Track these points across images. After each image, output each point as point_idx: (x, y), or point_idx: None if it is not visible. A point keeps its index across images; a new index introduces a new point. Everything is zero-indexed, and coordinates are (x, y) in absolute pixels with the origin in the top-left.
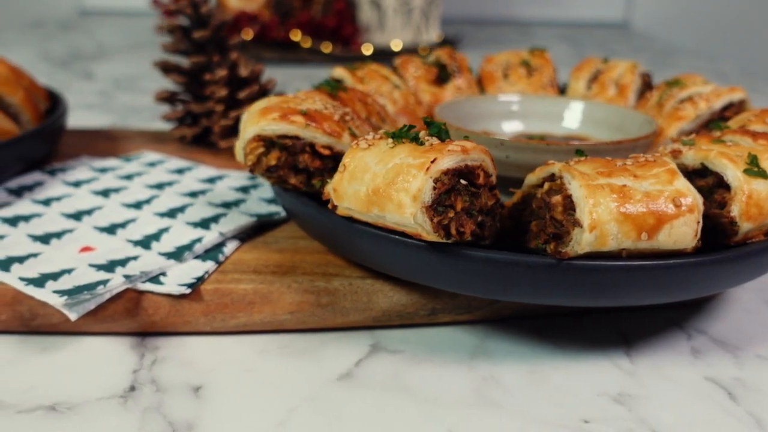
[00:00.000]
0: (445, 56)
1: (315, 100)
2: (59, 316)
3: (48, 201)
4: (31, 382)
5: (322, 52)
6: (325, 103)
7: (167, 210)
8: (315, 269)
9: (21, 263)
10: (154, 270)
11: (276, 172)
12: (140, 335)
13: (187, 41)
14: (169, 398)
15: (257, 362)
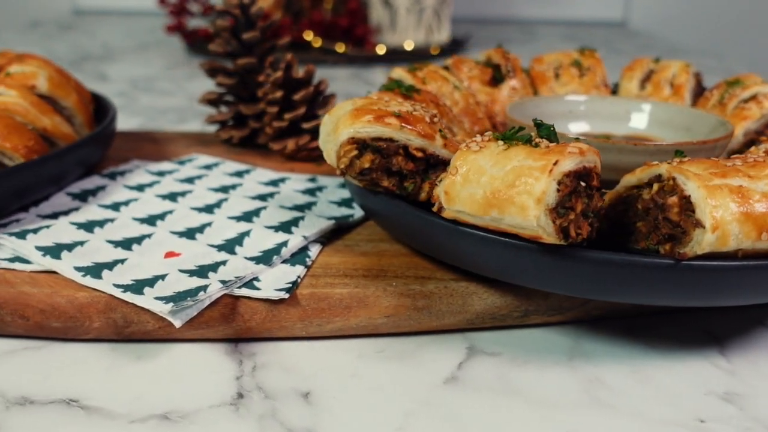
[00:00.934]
0: (497, 56)
1: (400, 103)
2: (154, 323)
3: (116, 205)
4: (136, 390)
5: (335, 52)
6: (414, 105)
7: (241, 214)
8: (405, 272)
9: (110, 270)
10: (248, 275)
11: (369, 175)
12: (233, 341)
13: (235, 42)
14: (281, 405)
15: (359, 367)
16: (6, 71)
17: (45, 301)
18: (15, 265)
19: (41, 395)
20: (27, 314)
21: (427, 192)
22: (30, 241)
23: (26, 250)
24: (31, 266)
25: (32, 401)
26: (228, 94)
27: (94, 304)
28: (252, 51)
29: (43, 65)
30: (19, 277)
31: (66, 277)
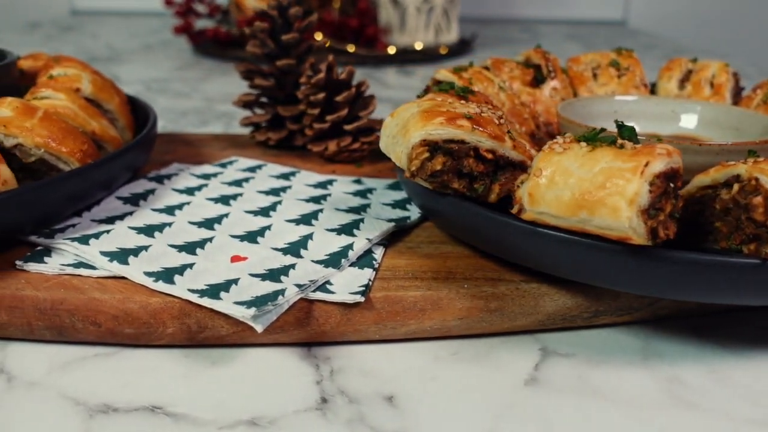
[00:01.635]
0: (537, 57)
1: (466, 104)
2: (228, 328)
3: (170, 209)
4: (218, 396)
5: (345, 53)
6: (480, 106)
7: (299, 216)
8: (473, 274)
9: (181, 275)
10: (320, 279)
11: (440, 177)
12: (305, 345)
13: (272, 44)
14: (367, 409)
15: (436, 369)
16: (49, 74)
17: (117, 307)
18: (80, 270)
19: (123, 402)
20: (99, 320)
21: (497, 193)
22: (93, 247)
23: (90, 256)
24: (97, 272)
25: (115, 409)
26: (264, 96)
27: (167, 310)
28: (289, 52)
29: (82, 68)
30: (87, 283)
31: (135, 283)
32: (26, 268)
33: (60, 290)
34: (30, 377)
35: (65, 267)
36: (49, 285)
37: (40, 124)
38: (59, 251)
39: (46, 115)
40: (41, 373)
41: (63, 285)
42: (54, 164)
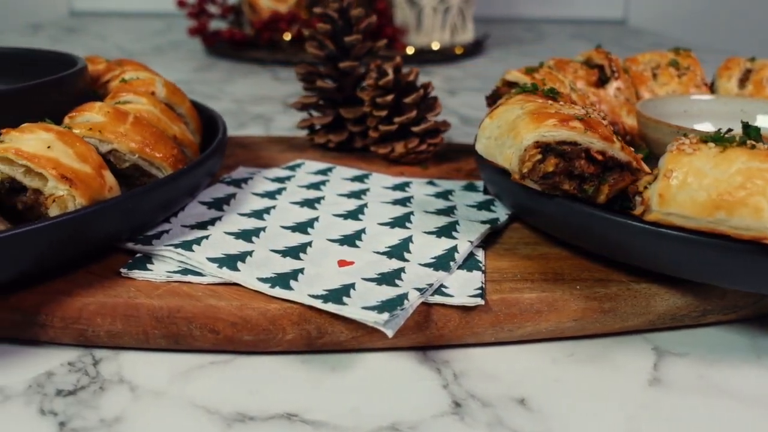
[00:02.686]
0: (600, 57)
1: (571, 106)
2: (347, 333)
3: (257, 214)
4: (350, 402)
5: None
6: (585, 108)
7: (391, 219)
8: (580, 275)
9: (296, 280)
10: (435, 282)
11: (551, 179)
12: (421, 349)
13: (335, 45)
14: (502, 412)
15: (557, 371)
16: (120, 78)
17: (235, 314)
18: (188, 277)
19: (257, 411)
20: (217, 328)
21: (606, 194)
22: (198, 253)
23: (197, 262)
24: (205, 278)
25: (251, 417)
26: (323, 98)
27: (287, 316)
28: (349, 54)
29: (151, 71)
30: (198, 290)
31: (248, 289)
32: (132, 276)
33: (174, 298)
34: (153, 387)
35: (172, 274)
36: (160, 293)
37: (133, 129)
38: (160, 258)
39: (137, 120)
40: (163, 382)
41: (174, 292)
42: (147, 170)
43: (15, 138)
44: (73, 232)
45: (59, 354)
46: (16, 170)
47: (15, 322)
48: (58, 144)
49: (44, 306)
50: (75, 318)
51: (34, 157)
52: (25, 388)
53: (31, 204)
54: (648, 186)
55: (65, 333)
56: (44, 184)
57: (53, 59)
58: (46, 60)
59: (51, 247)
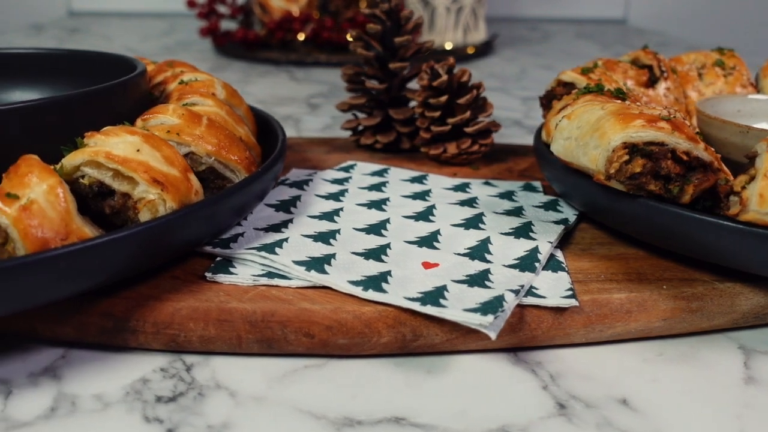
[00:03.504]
0: (648, 57)
1: (652, 107)
2: (442, 335)
3: (328, 216)
4: (455, 405)
5: None
6: (667, 109)
7: (464, 221)
8: (663, 275)
9: (387, 283)
10: (526, 284)
11: (638, 179)
12: (511, 350)
13: (383, 47)
14: (608, 413)
15: (651, 370)
16: (179, 80)
17: (330, 317)
18: (275, 281)
19: (364, 414)
20: (312, 332)
21: (691, 194)
22: (283, 256)
23: (281, 265)
24: (293, 282)
25: (359, 421)
26: (372, 99)
27: (382, 319)
28: (396, 54)
29: (207, 73)
30: (287, 293)
31: (337, 292)
32: (217, 280)
33: (265, 302)
34: (253, 392)
35: (258, 278)
36: (250, 297)
37: (208, 132)
38: (242, 261)
39: (211, 123)
40: (261, 387)
41: (264, 296)
42: (221, 173)
43: (101, 141)
44: (167, 236)
45: (148, 360)
46: (104, 174)
47: (105, 328)
48: (145, 147)
49: (135, 311)
50: (167, 323)
51: (125, 160)
52: (123, 395)
53: (119, 208)
54: (745, 186)
55: (156, 338)
56: (133, 188)
57: (109, 61)
58: (101, 62)
59: (145, 252)
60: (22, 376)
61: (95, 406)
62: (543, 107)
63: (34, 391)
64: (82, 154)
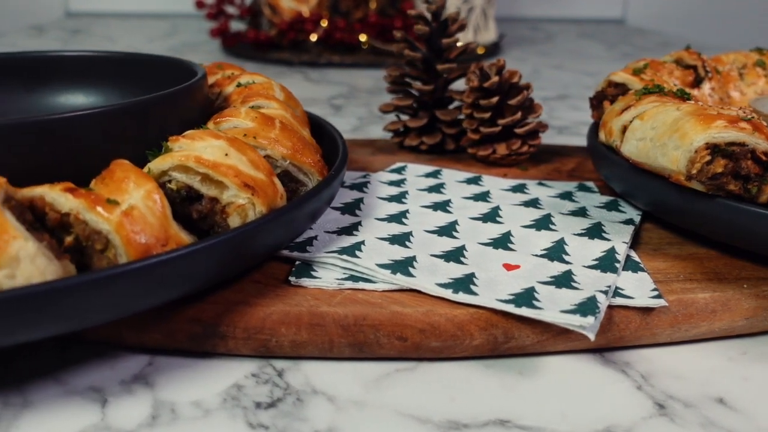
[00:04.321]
0: (692, 58)
1: (722, 107)
2: (533, 337)
3: (396, 218)
4: (557, 407)
5: (391, 54)
6: (744, 109)
7: (533, 222)
8: (740, 273)
9: (475, 285)
10: (612, 284)
11: (719, 180)
12: (597, 351)
13: (428, 49)
14: (708, 412)
15: (741, 369)
16: (236, 82)
17: (423, 320)
18: (360, 284)
19: (468, 417)
20: (405, 335)
21: None
22: (365, 259)
23: (364, 268)
24: (379, 285)
25: (465, 424)
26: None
27: (474, 321)
28: (442, 55)
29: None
30: (375, 296)
31: (425, 294)
32: (302, 284)
33: (355, 305)
34: (351, 397)
35: (343, 281)
36: (338, 301)
37: (282, 135)
38: (321, 265)
39: (283, 126)
40: (358, 391)
41: (353, 300)
42: (295, 176)
43: (186, 145)
44: (258, 241)
45: (237, 365)
46: (192, 178)
47: (194, 334)
48: (232, 151)
49: (225, 317)
50: (258, 328)
51: (216, 165)
52: (221, 402)
53: (206, 213)
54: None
55: (246, 344)
56: (221, 193)
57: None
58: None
59: (238, 256)
60: (113, 384)
61: (195, 413)
62: (593, 108)
63: (129, 399)
64: (171, 158)
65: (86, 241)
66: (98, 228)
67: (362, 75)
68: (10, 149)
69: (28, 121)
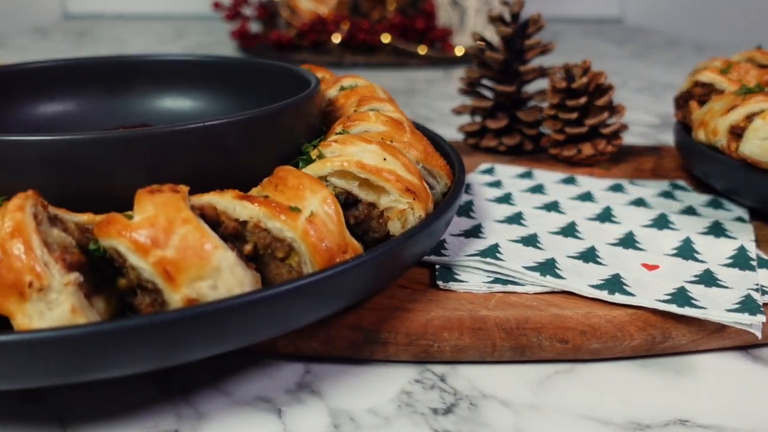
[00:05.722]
0: (764, 57)
1: None
2: (689, 336)
3: (515, 219)
4: (724, 404)
5: (410, 54)
6: None
7: (651, 221)
8: None
9: (627, 285)
10: (759, 283)
11: None
12: (741, 348)
13: (507, 51)
14: None
15: None
16: (338, 86)
17: (583, 322)
18: (508, 287)
19: (647, 418)
20: (566, 337)
21: None
22: (509, 261)
23: (511, 271)
24: (527, 287)
25: (647, 425)
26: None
27: (633, 322)
28: (520, 57)
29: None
30: (527, 299)
31: (576, 295)
32: (451, 288)
33: (513, 309)
34: (521, 400)
35: (492, 284)
36: (494, 304)
37: (413, 138)
38: (464, 268)
39: (412, 129)
40: (527, 394)
41: (508, 303)
42: (426, 179)
43: (339, 150)
44: (418, 246)
45: (396, 371)
46: (351, 183)
47: (353, 341)
48: (388, 155)
49: (385, 323)
50: (420, 334)
51: (378, 170)
52: (396, 408)
53: (363, 218)
54: None
55: (407, 350)
56: (378, 198)
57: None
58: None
59: (402, 262)
60: (279, 393)
61: (376, 421)
62: (678, 107)
63: (302, 408)
64: (331, 164)
65: (265, 249)
66: (282, 236)
67: (385, 75)
68: (160, 157)
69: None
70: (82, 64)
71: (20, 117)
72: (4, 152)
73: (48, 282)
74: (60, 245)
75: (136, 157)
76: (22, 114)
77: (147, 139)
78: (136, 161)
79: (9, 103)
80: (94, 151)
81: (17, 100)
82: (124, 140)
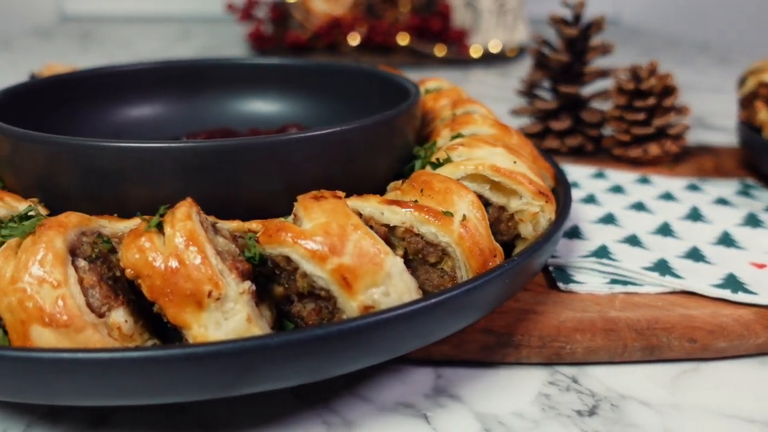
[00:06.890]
0: None
1: None
2: None
3: (606, 220)
4: None
5: (426, 55)
6: None
7: (741, 220)
8: None
9: (746, 284)
10: None
11: None
12: None
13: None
14: None
15: None
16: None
17: (711, 321)
18: (628, 288)
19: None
20: (695, 337)
21: None
22: (625, 262)
23: (627, 272)
24: (648, 288)
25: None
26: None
27: (759, 320)
28: (581, 59)
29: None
30: (649, 299)
31: (697, 295)
32: (573, 290)
33: (640, 309)
34: (660, 399)
35: (612, 285)
36: (620, 305)
37: (520, 141)
38: (578, 269)
39: (516, 132)
40: (662, 394)
41: (632, 304)
42: None
43: (466, 153)
44: (554, 247)
45: (526, 374)
46: (483, 187)
47: (485, 344)
48: (516, 159)
49: (517, 326)
50: (553, 336)
51: (512, 173)
52: (541, 411)
53: (492, 221)
54: None
55: (540, 352)
56: (508, 200)
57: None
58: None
59: (539, 265)
60: (418, 398)
61: (526, 425)
62: (743, 107)
63: (446, 413)
64: (464, 167)
65: (415, 254)
66: (436, 241)
67: None
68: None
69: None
70: (156, 68)
71: (95, 123)
72: (138, 160)
73: (225, 291)
74: (229, 254)
75: (270, 163)
76: (98, 119)
77: (283, 145)
78: (270, 167)
79: (84, 107)
80: (231, 157)
81: (92, 104)
82: (264, 146)
